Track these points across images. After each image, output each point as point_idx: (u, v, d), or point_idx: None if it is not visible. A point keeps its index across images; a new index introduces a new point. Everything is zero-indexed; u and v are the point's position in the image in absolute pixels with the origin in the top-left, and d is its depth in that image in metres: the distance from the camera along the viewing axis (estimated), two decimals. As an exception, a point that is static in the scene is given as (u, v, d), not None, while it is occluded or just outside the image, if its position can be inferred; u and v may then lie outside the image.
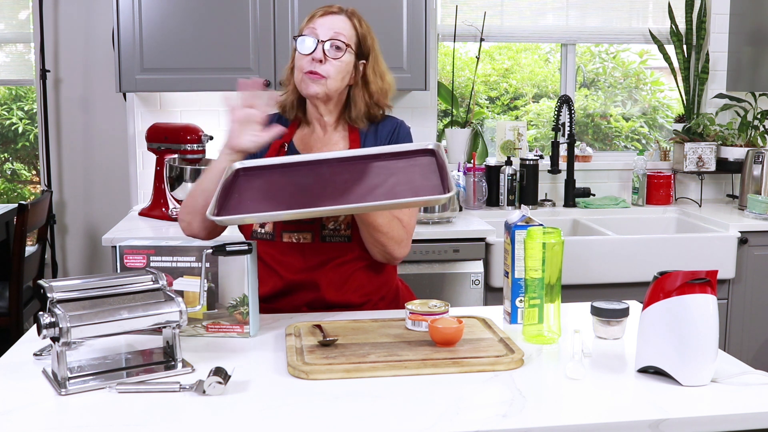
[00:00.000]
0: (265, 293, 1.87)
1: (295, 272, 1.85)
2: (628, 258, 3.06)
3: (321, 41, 1.83)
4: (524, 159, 3.56)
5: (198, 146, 3.16)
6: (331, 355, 1.51)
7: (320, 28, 1.84)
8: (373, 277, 1.91)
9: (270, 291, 1.87)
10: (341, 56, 1.84)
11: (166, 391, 1.38)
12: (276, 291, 1.87)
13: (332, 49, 1.83)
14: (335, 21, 1.85)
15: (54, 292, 1.42)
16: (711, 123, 3.67)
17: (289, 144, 1.94)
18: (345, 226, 1.85)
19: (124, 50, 3.10)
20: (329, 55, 1.83)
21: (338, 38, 1.84)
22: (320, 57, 1.82)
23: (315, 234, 1.85)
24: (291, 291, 1.87)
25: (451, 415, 1.27)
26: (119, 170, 3.87)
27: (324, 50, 1.82)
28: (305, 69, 1.83)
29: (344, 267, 1.87)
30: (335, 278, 1.86)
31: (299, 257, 1.85)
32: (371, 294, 1.91)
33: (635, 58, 4.21)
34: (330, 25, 1.84)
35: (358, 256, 1.87)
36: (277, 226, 1.86)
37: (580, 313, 1.82)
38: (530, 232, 1.62)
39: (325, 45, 1.82)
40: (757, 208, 3.35)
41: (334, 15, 1.86)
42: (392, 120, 1.97)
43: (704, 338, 1.39)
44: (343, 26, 1.85)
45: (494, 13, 3.70)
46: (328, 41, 1.83)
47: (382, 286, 1.94)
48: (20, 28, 4.02)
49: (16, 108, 4.37)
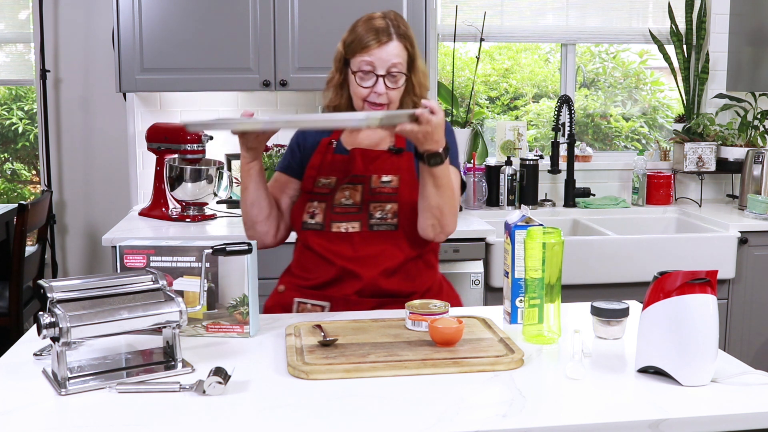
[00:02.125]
0: (318, 282, 1.93)
1: (345, 260, 1.90)
2: (628, 258, 3.06)
3: (379, 75, 1.89)
4: (524, 159, 3.56)
5: (198, 146, 3.15)
6: (331, 355, 1.51)
7: (377, 61, 1.89)
8: (421, 268, 1.97)
9: (323, 279, 1.93)
10: (400, 85, 1.92)
11: (166, 391, 1.38)
12: (329, 279, 1.92)
13: (391, 80, 1.90)
14: (391, 50, 1.89)
15: (54, 292, 1.42)
16: (711, 123, 3.67)
17: (338, 141, 2.03)
18: (392, 215, 1.92)
19: (124, 50, 3.10)
20: (390, 86, 1.90)
21: (396, 69, 1.90)
22: (382, 91, 1.90)
23: (363, 223, 1.92)
24: (341, 279, 1.92)
25: (451, 415, 1.27)
26: (119, 170, 3.87)
27: (384, 83, 1.89)
28: (366, 98, 1.91)
29: (393, 256, 1.92)
30: (384, 267, 1.91)
31: (348, 246, 1.91)
32: (418, 285, 1.96)
33: (635, 58, 4.21)
34: (386, 57, 1.88)
35: (406, 246, 1.93)
36: (326, 216, 1.93)
37: (580, 313, 1.82)
38: (530, 232, 1.62)
39: (385, 78, 1.89)
40: (757, 208, 3.35)
41: (390, 43, 1.89)
42: None
43: (704, 338, 1.39)
44: (397, 53, 1.90)
45: (494, 13, 3.70)
46: (388, 75, 1.89)
47: (428, 278, 1.99)
48: (20, 28, 4.01)
49: (16, 108, 4.37)
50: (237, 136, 1.86)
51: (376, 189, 1.94)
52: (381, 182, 1.94)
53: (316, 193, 1.96)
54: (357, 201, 1.93)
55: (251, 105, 3.54)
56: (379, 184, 1.94)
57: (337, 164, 1.98)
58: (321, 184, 1.97)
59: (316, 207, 1.95)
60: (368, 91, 1.91)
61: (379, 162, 1.96)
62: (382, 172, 1.95)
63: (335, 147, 2.02)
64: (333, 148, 2.02)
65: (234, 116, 2.06)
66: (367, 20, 1.93)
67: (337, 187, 1.95)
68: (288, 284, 2.01)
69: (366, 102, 1.92)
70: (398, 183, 1.94)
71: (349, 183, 1.95)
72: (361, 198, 1.93)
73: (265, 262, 2.22)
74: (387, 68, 1.89)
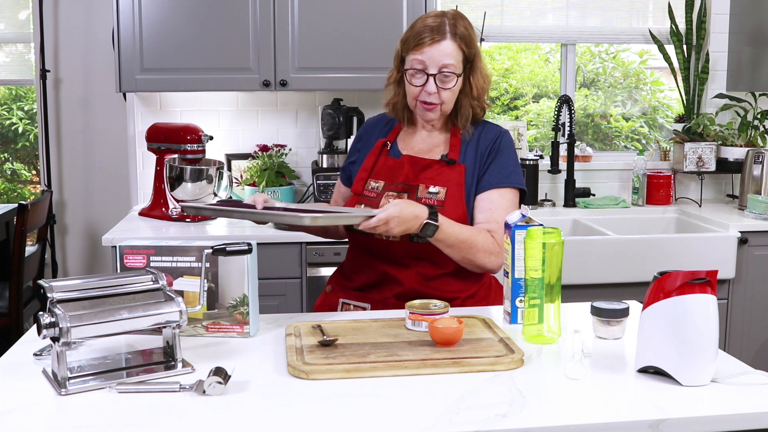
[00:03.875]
0: (361, 284, 1.95)
1: (387, 265, 1.91)
2: (628, 258, 3.06)
3: (430, 74, 1.86)
4: (524, 159, 3.56)
5: (198, 146, 3.16)
6: (331, 355, 1.51)
7: (428, 60, 1.86)
8: (461, 276, 1.94)
9: (365, 282, 1.94)
10: (452, 85, 1.89)
11: (166, 391, 1.38)
12: (370, 282, 1.93)
13: (443, 80, 1.87)
14: (444, 49, 1.85)
15: (54, 292, 1.42)
16: (711, 123, 3.67)
17: (393, 143, 2.02)
18: None
19: (124, 50, 3.10)
20: (441, 86, 1.87)
21: (448, 69, 1.86)
22: (433, 90, 1.87)
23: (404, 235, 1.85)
24: (381, 282, 1.92)
25: (451, 415, 1.27)
26: (119, 170, 3.87)
27: (435, 82, 1.87)
28: (418, 97, 1.90)
29: (432, 267, 1.90)
30: (422, 274, 1.90)
31: (391, 252, 1.90)
32: (459, 292, 1.94)
33: (635, 58, 4.21)
34: (439, 56, 1.85)
35: (446, 259, 1.88)
36: None
37: (580, 313, 1.82)
38: (530, 232, 1.62)
39: (436, 78, 1.87)
40: (757, 208, 3.35)
41: (442, 42, 1.86)
42: (496, 128, 2.00)
43: (704, 338, 1.39)
44: (451, 53, 1.86)
45: (494, 13, 3.70)
46: (439, 74, 1.86)
47: (471, 285, 1.96)
48: (20, 28, 4.01)
49: (16, 108, 4.37)
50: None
51: (422, 199, 1.89)
52: (428, 193, 1.91)
53: (365, 195, 1.95)
54: None
55: (251, 105, 3.54)
56: (426, 194, 1.90)
57: (387, 168, 1.96)
58: (370, 187, 1.95)
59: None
60: (419, 90, 1.88)
61: (428, 172, 1.93)
62: (430, 182, 1.92)
63: (389, 149, 2.00)
64: (387, 150, 2.00)
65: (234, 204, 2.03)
66: (424, 17, 1.91)
67: (384, 192, 1.93)
68: (335, 285, 2.03)
69: (418, 101, 1.90)
70: (444, 196, 1.90)
71: (395, 190, 1.92)
72: None
73: (265, 262, 2.22)
74: (438, 67, 1.86)
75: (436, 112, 1.92)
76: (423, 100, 1.89)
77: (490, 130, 1.99)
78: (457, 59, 1.87)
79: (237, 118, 3.54)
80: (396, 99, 1.98)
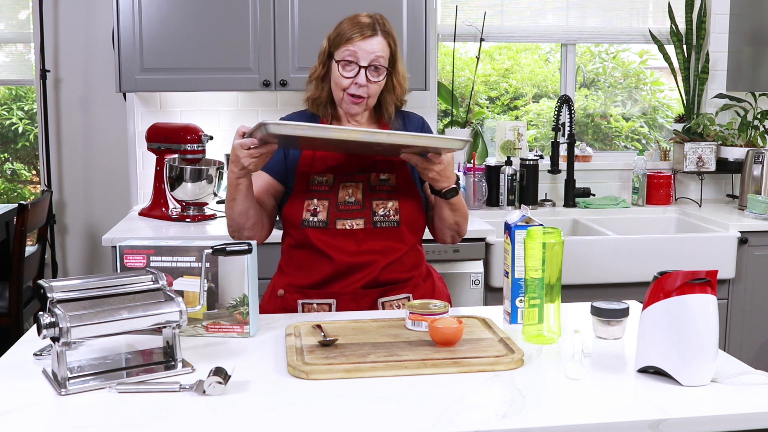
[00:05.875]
0: (318, 279, 1.95)
1: (350, 255, 1.93)
2: (628, 258, 3.06)
3: (362, 66, 1.92)
4: (524, 159, 3.56)
5: (198, 146, 3.15)
6: (331, 355, 1.51)
7: (360, 52, 1.92)
8: (416, 256, 2.05)
9: (323, 276, 1.95)
10: (381, 78, 1.96)
11: (166, 391, 1.38)
12: (329, 275, 1.95)
13: (373, 73, 1.94)
14: (374, 44, 1.93)
15: (54, 292, 1.42)
16: (711, 123, 3.67)
17: None
18: (394, 212, 1.97)
19: (124, 50, 3.10)
20: (371, 78, 1.94)
21: (378, 62, 1.93)
22: (363, 82, 1.93)
23: (367, 220, 1.95)
24: (346, 273, 1.94)
25: (451, 415, 1.27)
26: (119, 170, 3.87)
27: (366, 75, 1.92)
28: (347, 89, 1.94)
29: (394, 249, 1.97)
30: (387, 259, 1.96)
31: (352, 242, 1.94)
32: (413, 270, 2.02)
33: (635, 58, 4.21)
34: (370, 49, 1.92)
35: (406, 239, 1.99)
36: (330, 214, 1.95)
37: (580, 313, 1.83)
38: (530, 232, 1.62)
39: (367, 70, 1.92)
40: (757, 208, 3.35)
41: (373, 38, 1.93)
42: (416, 116, 2.14)
43: (704, 338, 1.39)
44: (381, 48, 1.94)
45: (494, 13, 3.70)
46: (370, 67, 1.93)
47: (420, 263, 2.06)
48: (20, 28, 4.02)
49: (16, 108, 4.37)
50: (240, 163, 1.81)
51: (376, 187, 1.97)
52: (380, 180, 1.98)
53: (314, 191, 1.97)
54: (359, 199, 1.96)
55: (251, 105, 3.54)
56: (378, 182, 1.98)
57: (328, 161, 1.99)
58: (317, 182, 1.97)
59: (317, 205, 1.95)
60: (350, 82, 1.93)
61: (373, 160, 2.00)
62: (378, 171, 1.99)
63: None
64: None
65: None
66: (353, 17, 1.97)
67: (337, 184, 1.96)
68: (286, 286, 2.00)
69: (346, 93, 1.95)
70: (395, 181, 1.99)
71: (350, 181, 1.97)
72: (362, 195, 1.96)
73: (265, 262, 2.22)
74: (370, 60, 1.92)
75: (362, 106, 1.97)
76: (352, 92, 1.94)
77: (413, 118, 2.12)
78: (386, 55, 1.95)
79: (237, 118, 3.54)
80: (318, 94, 2.02)
